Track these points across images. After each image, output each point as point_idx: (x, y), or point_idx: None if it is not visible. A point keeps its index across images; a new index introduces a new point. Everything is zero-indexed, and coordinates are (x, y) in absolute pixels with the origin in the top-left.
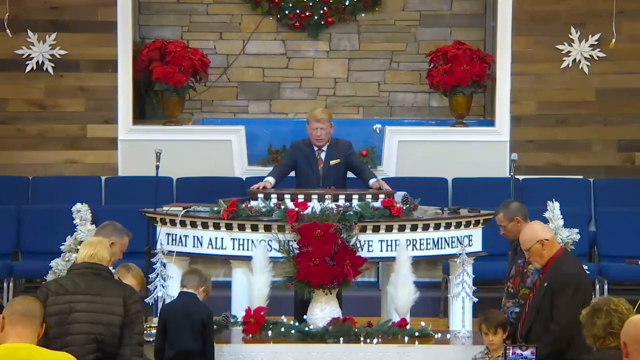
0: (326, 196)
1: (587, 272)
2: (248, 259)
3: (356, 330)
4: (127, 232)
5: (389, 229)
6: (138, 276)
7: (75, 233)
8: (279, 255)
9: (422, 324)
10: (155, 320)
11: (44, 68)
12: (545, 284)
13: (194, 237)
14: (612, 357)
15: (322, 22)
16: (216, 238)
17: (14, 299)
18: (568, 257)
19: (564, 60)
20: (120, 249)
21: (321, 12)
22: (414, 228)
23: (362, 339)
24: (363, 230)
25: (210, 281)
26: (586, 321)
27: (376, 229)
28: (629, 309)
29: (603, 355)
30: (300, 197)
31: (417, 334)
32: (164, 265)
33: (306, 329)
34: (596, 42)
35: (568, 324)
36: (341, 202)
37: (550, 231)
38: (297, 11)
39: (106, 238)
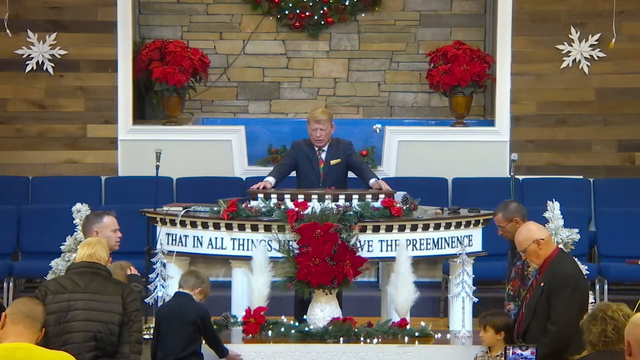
0: (326, 196)
1: (587, 272)
2: (248, 259)
3: (356, 330)
4: (106, 211)
5: (389, 229)
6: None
7: (75, 233)
8: (279, 255)
9: (422, 324)
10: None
11: (44, 68)
12: (542, 283)
13: (194, 237)
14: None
15: (322, 22)
16: (216, 238)
17: (19, 299)
18: (565, 257)
19: (564, 60)
20: (111, 230)
21: (321, 12)
22: (414, 228)
23: (362, 339)
24: (363, 230)
25: (207, 283)
26: (585, 327)
27: (376, 229)
28: (628, 315)
29: (593, 358)
30: (300, 197)
31: (417, 334)
32: (164, 265)
33: (306, 329)
34: (596, 42)
35: (566, 325)
36: (341, 202)
37: (545, 230)
38: (297, 11)
39: (89, 230)
